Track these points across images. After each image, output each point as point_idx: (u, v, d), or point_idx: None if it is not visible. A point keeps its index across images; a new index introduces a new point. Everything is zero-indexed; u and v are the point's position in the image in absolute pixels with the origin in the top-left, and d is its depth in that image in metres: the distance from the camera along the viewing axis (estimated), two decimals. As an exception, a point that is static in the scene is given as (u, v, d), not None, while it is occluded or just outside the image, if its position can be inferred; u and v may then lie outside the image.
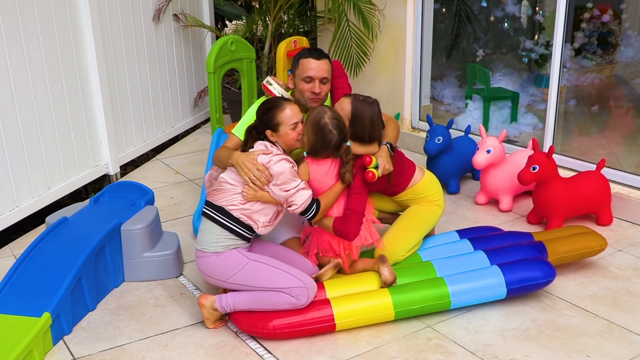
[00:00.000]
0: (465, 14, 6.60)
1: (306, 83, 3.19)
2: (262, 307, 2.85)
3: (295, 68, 3.24)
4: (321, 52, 3.24)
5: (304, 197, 2.86)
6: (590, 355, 2.75)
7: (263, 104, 3.00)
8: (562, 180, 3.82)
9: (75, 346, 2.89)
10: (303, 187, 2.87)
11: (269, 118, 2.92)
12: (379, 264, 3.01)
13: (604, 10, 6.60)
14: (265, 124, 2.94)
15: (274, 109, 2.92)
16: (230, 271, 2.86)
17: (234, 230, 2.87)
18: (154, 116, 5.51)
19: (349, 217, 3.02)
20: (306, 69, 3.18)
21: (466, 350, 2.80)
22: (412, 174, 3.30)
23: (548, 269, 3.04)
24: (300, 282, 2.82)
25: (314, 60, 3.18)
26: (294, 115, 2.92)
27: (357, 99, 3.09)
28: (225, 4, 7.48)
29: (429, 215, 3.34)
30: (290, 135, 2.92)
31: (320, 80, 3.19)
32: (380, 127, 3.14)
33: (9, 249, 3.86)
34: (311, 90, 3.19)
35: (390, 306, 2.91)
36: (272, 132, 2.93)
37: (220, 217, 2.87)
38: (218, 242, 2.87)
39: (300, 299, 2.82)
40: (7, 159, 3.86)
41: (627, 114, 6.22)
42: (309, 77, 3.18)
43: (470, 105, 5.83)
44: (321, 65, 3.18)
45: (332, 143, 2.92)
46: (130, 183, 3.88)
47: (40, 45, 4.10)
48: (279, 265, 2.88)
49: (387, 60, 5.45)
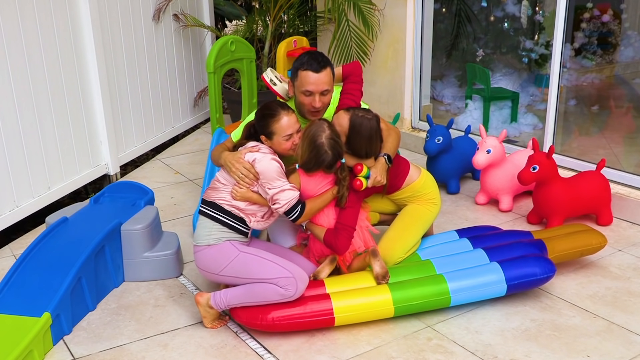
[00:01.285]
0: (466, 14, 6.60)
1: (305, 96, 3.08)
2: (253, 300, 2.85)
3: (295, 78, 3.10)
4: (321, 61, 3.05)
5: (287, 197, 2.86)
6: (590, 355, 2.75)
7: (262, 108, 2.98)
8: (562, 180, 3.82)
9: (75, 346, 2.89)
10: (288, 187, 2.88)
11: (265, 125, 2.93)
12: (371, 257, 3.02)
13: (604, 10, 6.60)
14: (261, 130, 2.96)
15: (270, 117, 2.91)
16: (222, 263, 2.88)
17: (226, 223, 2.90)
18: (154, 116, 5.51)
19: (340, 231, 3.01)
20: (305, 82, 3.04)
21: (466, 350, 2.80)
22: (407, 173, 3.29)
23: (547, 265, 3.04)
24: (288, 272, 2.82)
25: (313, 73, 3.01)
26: (289, 126, 2.89)
27: (356, 115, 3.02)
28: (225, 4, 7.48)
29: (426, 214, 3.34)
30: (283, 145, 2.93)
31: (321, 93, 3.06)
32: (378, 143, 3.09)
33: (9, 249, 3.86)
34: (311, 104, 3.08)
35: (389, 302, 2.91)
36: (266, 139, 2.96)
37: (213, 211, 2.92)
38: (210, 234, 2.90)
39: (288, 289, 2.80)
40: (7, 159, 3.86)
41: (627, 114, 6.21)
42: (308, 92, 3.06)
43: (470, 105, 5.83)
44: (321, 78, 3.02)
45: (325, 163, 2.92)
46: (130, 183, 3.88)
47: (40, 45, 4.10)
48: (269, 257, 2.89)
49: (387, 60, 5.45)
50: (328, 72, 3.06)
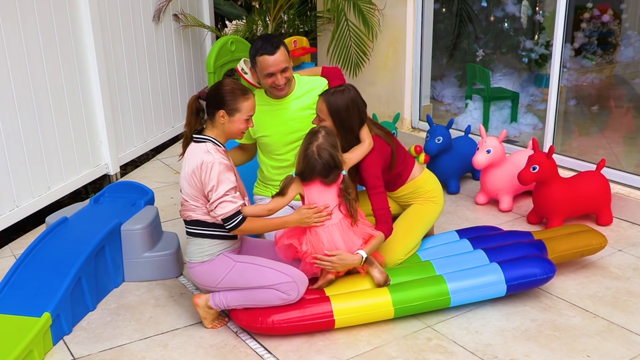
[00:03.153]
0: (466, 13, 6.60)
1: (269, 78, 3.23)
2: (254, 304, 2.85)
3: (254, 64, 3.25)
4: (274, 42, 3.20)
5: (226, 208, 2.76)
6: (590, 355, 2.75)
7: (228, 82, 2.91)
8: (562, 180, 3.82)
9: (75, 346, 2.89)
10: (227, 199, 2.76)
11: (231, 100, 2.83)
12: (368, 267, 3.00)
13: (604, 10, 6.60)
14: (223, 104, 2.83)
15: (241, 94, 2.85)
16: (218, 276, 2.87)
17: (216, 236, 2.88)
18: (154, 116, 5.51)
19: (378, 219, 3.06)
20: (265, 66, 3.19)
21: (466, 350, 2.80)
22: (412, 166, 3.33)
23: (547, 265, 3.04)
24: (289, 277, 2.82)
25: (269, 56, 3.17)
26: (252, 108, 2.90)
27: (328, 93, 3.08)
28: (225, 4, 7.48)
29: (428, 215, 3.35)
30: (240, 125, 2.87)
31: (281, 71, 3.22)
32: (363, 107, 3.11)
33: (9, 249, 3.86)
34: (275, 82, 3.24)
35: (389, 304, 2.91)
36: (225, 114, 2.84)
37: (199, 229, 2.88)
38: (203, 251, 2.89)
39: (290, 294, 2.81)
40: (7, 159, 3.86)
41: (627, 114, 6.21)
42: (270, 73, 3.21)
43: (470, 105, 5.83)
44: (278, 58, 3.18)
45: (316, 170, 2.85)
46: (130, 183, 3.88)
47: (40, 45, 4.10)
48: (266, 263, 2.88)
49: (387, 60, 5.45)
50: (282, 50, 3.21)
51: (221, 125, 2.87)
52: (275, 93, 3.31)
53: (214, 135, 2.88)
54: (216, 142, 2.86)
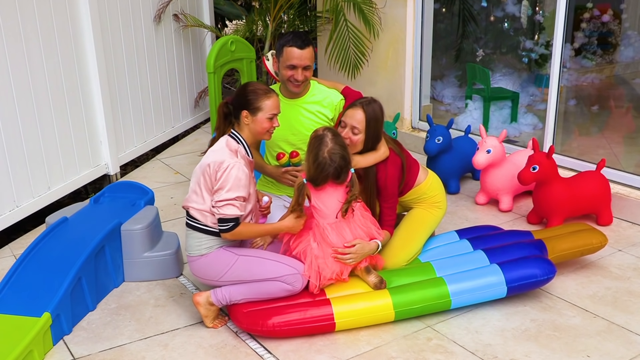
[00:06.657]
0: (468, 13, 6.60)
1: (289, 70, 3.29)
2: (258, 296, 2.86)
3: (280, 54, 3.32)
4: (305, 39, 3.29)
5: (230, 211, 2.78)
6: (590, 355, 2.75)
7: (251, 84, 2.95)
8: (562, 180, 3.82)
9: (75, 346, 2.89)
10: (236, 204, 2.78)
11: (254, 100, 2.86)
12: (364, 275, 3.01)
13: (604, 10, 6.60)
14: (246, 104, 2.87)
15: (264, 93, 2.88)
16: (221, 270, 2.88)
17: (210, 231, 2.88)
18: (154, 116, 5.51)
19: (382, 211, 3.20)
20: (289, 57, 3.26)
21: (466, 350, 2.80)
22: (417, 172, 3.33)
23: (548, 266, 3.04)
24: (293, 268, 2.85)
25: (297, 49, 3.25)
26: (275, 106, 2.91)
27: (364, 103, 3.09)
28: (225, 4, 7.48)
29: (430, 221, 3.35)
30: (264, 124, 2.89)
31: (303, 68, 3.28)
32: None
33: (9, 249, 3.86)
34: (293, 76, 3.29)
35: (390, 306, 2.91)
36: (248, 114, 2.87)
37: (195, 221, 2.90)
38: (201, 244, 2.90)
39: (295, 285, 2.85)
40: (7, 159, 3.86)
41: (627, 114, 6.21)
42: (292, 65, 3.27)
43: (470, 105, 5.83)
44: (304, 54, 3.26)
45: (330, 175, 2.87)
46: (130, 183, 3.88)
47: (40, 45, 4.10)
48: (269, 256, 2.90)
49: (387, 60, 5.45)
50: (310, 50, 3.30)
51: (246, 126, 2.90)
52: (289, 88, 3.35)
53: (244, 137, 2.92)
54: (246, 149, 2.91)
